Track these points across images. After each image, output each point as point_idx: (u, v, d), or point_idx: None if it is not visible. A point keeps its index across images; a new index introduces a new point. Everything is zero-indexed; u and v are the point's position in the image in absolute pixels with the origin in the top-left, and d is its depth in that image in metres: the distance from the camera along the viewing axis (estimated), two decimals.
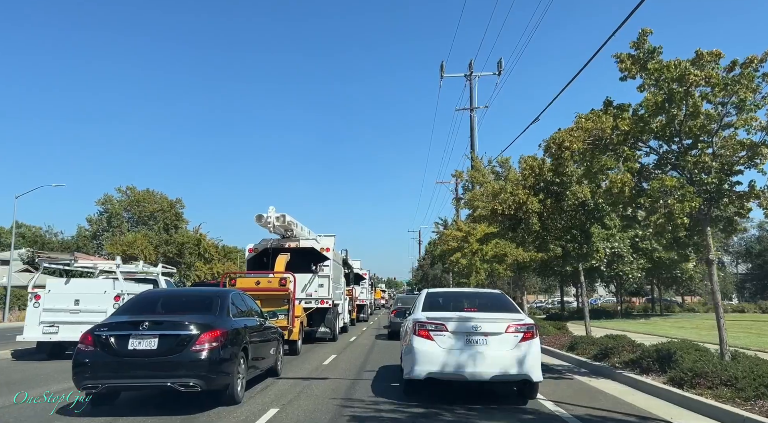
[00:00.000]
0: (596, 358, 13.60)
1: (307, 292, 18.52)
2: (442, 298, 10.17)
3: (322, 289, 18.59)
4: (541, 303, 60.42)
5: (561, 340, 18.87)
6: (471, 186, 25.61)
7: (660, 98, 9.73)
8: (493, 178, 25.04)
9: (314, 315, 19.05)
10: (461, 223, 36.52)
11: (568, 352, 15.43)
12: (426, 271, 68.96)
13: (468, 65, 41.47)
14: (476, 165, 24.70)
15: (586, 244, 16.89)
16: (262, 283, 14.60)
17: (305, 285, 18.54)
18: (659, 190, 9.83)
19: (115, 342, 7.46)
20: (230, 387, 7.98)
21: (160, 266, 17.15)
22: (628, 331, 23.31)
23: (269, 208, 17.18)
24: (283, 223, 17.19)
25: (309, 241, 19.03)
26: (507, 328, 8.43)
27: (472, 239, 31.69)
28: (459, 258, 33.45)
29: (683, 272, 32.32)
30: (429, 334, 8.46)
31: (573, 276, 34.22)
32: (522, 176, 16.64)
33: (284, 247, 18.45)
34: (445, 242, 42.13)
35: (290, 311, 14.48)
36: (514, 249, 23.59)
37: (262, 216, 17.01)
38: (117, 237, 62.72)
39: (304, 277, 18.61)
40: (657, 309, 43.92)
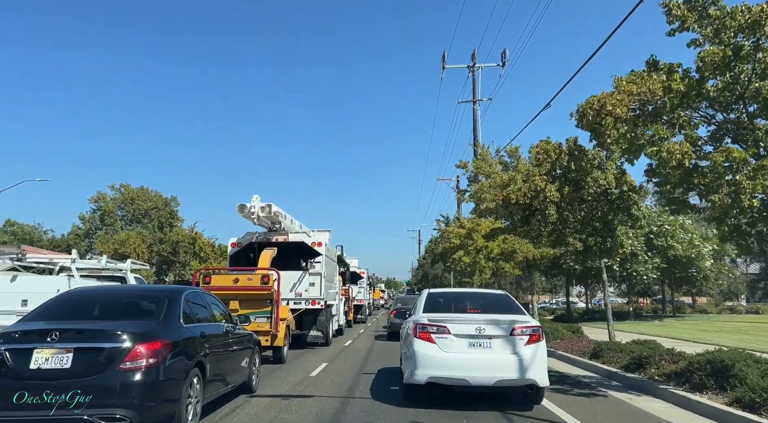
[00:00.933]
0: (628, 368, 11.61)
1: (297, 292, 16.53)
2: (443, 299, 9.74)
3: (313, 289, 16.59)
4: (545, 303, 58.39)
5: (579, 345, 16.89)
6: (476, 177, 23.61)
7: (728, 52, 7.73)
8: (501, 170, 23.04)
9: (304, 317, 17.06)
10: (464, 220, 34.60)
11: (592, 361, 13.44)
12: (426, 270, 66.95)
13: (471, 56, 39.51)
14: (482, 154, 22.70)
15: (609, 237, 14.90)
16: (241, 281, 12.59)
17: (294, 284, 16.55)
18: (723, 164, 7.86)
19: (11, 359, 5.47)
20: (176, 416, 5.97)
21: (128, 261, 15.14)
22: (647, 334, 21.30)
23: (253, 196, 15.21)
24: (269, 214, 15.20)
25: (299, 234, 17.03)
26: (512, 330, 8.06)
27: (476, 235, 29.70)
28: (461, 256, 31.51)
29: (699, 271, 30.34)
30: (430, 336, 8.10)
31: (581, 275, 32.24)
32: (536, 161, 14.64)
33: (271, 242, 16.46)
34: (446, 240, 40.23)
35: (274, 313, 12.49)
36: (524, 245, 21.62)
37: (245, 206, 15.03)
38: (109, 235, 60.76)
39: (293, 274, 16.62)
40: (667, 310, 41.94)
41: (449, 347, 8.03)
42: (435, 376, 8.01)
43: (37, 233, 61.99)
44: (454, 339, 8.05)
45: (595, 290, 69.39)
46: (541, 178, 14.60)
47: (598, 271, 31.21)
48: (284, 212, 16.45)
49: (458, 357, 7.97)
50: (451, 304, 9.54)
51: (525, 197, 14.87)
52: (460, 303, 9.69)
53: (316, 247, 16.82)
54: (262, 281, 12.56)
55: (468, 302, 9.77)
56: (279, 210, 15.72)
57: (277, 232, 16.68)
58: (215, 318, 7.92)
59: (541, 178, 14.61)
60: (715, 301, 47.32)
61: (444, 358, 7.98)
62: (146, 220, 67.16)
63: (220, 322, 7.97)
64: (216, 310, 8.26)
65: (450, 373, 7.96)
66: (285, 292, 16.35)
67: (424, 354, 8.06)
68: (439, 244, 43.98)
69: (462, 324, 8.19)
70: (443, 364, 7.97)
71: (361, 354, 15.96)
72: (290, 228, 17.11)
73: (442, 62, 40.92)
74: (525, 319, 8.42)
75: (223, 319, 8.27)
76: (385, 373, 11.87)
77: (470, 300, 9.97)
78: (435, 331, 8.13)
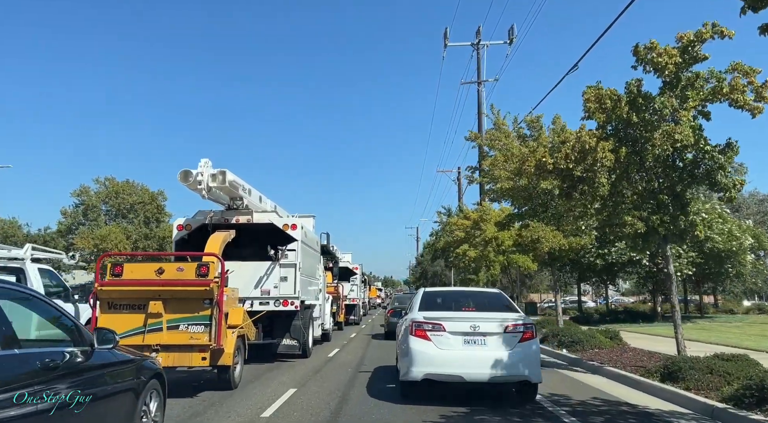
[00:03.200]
0: (741, 402, 7.56)
1: (263, 289, 12.46)
2: (439, 298, 9.88)
3: (286, 285, 12.52)
4: (552, 303, 54.18)
5: (629, 357, 12.89)
6: (487, 154, 19.50)
7: None
8: (518, 144, 18.95)
9: (276, 321, 13.01)
10: (468, 211, 30.53)
11: (668, 385, 9.37)
12: (425, 268, 62.86)
13: (475, 32, 35.55)
14: (498, 123, 18.59)
15: (682, 214, 10.87)
16: (167, 273, 8.49)
17: (261, 278, 12.48)
18: None
19: None
20: None
21: (27, 247, 11.05)
22: (698, 340, 17.32)
23: (201, 160, 11.12)
24: (223, 185, 11.11)
25: (267, 214, 12.92)
26: (506, 328, 8.16)
27: (486, 225, 25.65)
28: (466, 250, 27.45)
29: (738, 266, 26.35)
30: (426, 334, 8.17)
31: (603, 271, 28.18)
32: (585, 112, 10.60)
33: (230, 223, 12.38)
34: (449, 233, 36.19)
35: (215, 319, 8.38)
36: (549, 232, 17.59)
37: (190, 173, 10.95)
38: (90, 230, 56.69)
39: (258, 266, 12.55)
40: (689, 309, 37.92)
41: (445, 344, 8.09)
42: (431, 372, 8.07)
43: (12, 228, 57.78)
44: (450, 336, 8.11)
45: (600, 288, 65.32)
46: (591, 135, 10.54)
47: (622, 265, 27.26)
48: (245, 184, 12.36)
49: (453, 354, 8.03)
50: (447, 302, 9.54)
51: (567, 161, 10.80)
52: (456, 301, 9.62)
53: (289, 231, 12.73)
54: (199, 273, 8.46)
55: (463, 300, 9.72)
56: (237, 179, 11.62)
57: (238, 210, 12.59)
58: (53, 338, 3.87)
59: (591, 133, 10.55)
60: (738, 300, 43.33)
61: (439, 355, 8.03)
62: (132, 215, 63.10)
63: (61, 343, 3.94)
64: (54, 322, 4.20)
65: (445, 370, 8.03)
66: (247, 289, 12.30)
67: (420, 351, 8.11)
68: (440, 238, 39.94)
69: (457, 322, 8.24)
70: (439, 361, 8.02)
71: (348, 370, 11.87)
72: (256, 206, 13.02)
73: (443, 40, 36.88)
74: (519, 317, 8.46)
75: (70, 336, 4.24)
76: (380, 409, 7.80)
77: (465, 298, 9.97)
78: (431, 329, 8.17)
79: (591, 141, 10.26)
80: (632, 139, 10.77)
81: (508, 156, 18.16)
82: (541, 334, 18.55)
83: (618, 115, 10.38)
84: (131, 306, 8.39)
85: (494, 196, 19.83)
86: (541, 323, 20.28)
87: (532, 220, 17.98)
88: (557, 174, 11.31)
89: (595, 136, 10.36)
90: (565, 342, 15.45)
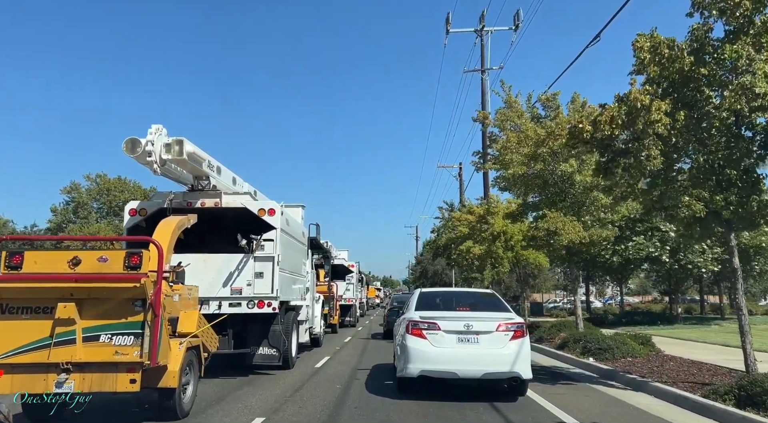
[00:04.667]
0: None
1: (234, 286, 10.14)
2: (434, 298, 10.09)
3: (262, 282, 10.20)
4: (556, 303, 51.89)
5: (674, 369, 10.71)
6: (496, 137, 17.17)
7: None
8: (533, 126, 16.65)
9: (250, 326, 10.72)
10: (472, 205, 28.21)
11: (748, 412, 7.09)
12: (425, 267, 60.45)
13: (479, 18, 33.28)
14: (509, 101, 16.29)
15: (755, 194, 8.63)
16: (85, 264, 6.15)
17: (231, 274, 10.17)
18: None
19: None
20: None
21: None
22: (738, 346, 15.04)
23: (151, 127, 8.82)
24: (180, 158, 8.83)
25: (239, 197, 10.58)
26: (498, 327, 8.41)
27: (493, 218, 23.34)
28: (470, 247, 25.15)
29: (761, 263, 24.05)
30: (422, 332, 8.43)
31: (618, 268, 25.85)
32: (636, 65, 8.30)
33: (194, 207, 10.09)
34: (451, 229, 33.88)
35: (149, 327, 6.07)
36: (569, 224, 15.29)
37: (138, 142, 8.66)
38: (79, 228, 54.41)
39: (228, 259, 10.24)
40: (704, 310, 35.64)
41: (439, 342, 8.34)
42: (426, 369, 8.31)
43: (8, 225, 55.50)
44: (444, 335, 8.36)
45: (604, 287, 62.95)
46: (644, 92, 8.25)
47: (640, 261, 24.84)
48: (212, 159, 10.06)
49: (448, 351, 8.29)
50: (442, 302, 9.78)
51: (612, 126, 8.51)
52: (450, 301, 9.82)
53: (266, 218, 10.40)
54: (128, 264, 6.16)
55: (457, 301, 9.87)
56: (198, 151, 9.30)
57: (203, 191, 10.29)
58: None
59: (644, 90, 8.26)
60: (755, 300, 41.02)
61: (435, 353, 8.29)
62: (123, 213, 60.84)
63: None
64: None
65: (440, 367, 8.28)
66: (214, 287, 10.02)
67: (416, 349, 8.36)
68: (442, 235, 37.64)
69: (451, 321, 8.48)
70: (434, 358, 8.28)
71: (336, 387, 9.58)
72: (225, 186, 10.71)
73: (446, 26, 34.70)
74: (510, 317, 8.71)
75: None
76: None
77: (459, 299, 10.17)
78: (426, 328, 8.42)
79: (644, 98, 7.95)
80: (691, 100, 8.50)
81: (522, 138, 15.89)
82: (560, 338, 16.26)
83: (678, 68, 8.09)
84: (33, 309, 6.08)
85: (505, 185, 17.53)
86: (557, 326, 17.97)
87: (549, 209, 15.69)
88: (596, 144, 9.00)
89: (648, 94, 8.06)
90: (592, 349, 13.16)
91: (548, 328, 18.22)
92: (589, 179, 15.58)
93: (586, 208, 16.37)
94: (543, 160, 15.82)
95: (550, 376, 11.20)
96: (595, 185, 15.94)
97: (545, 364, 13.18)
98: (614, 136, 8.41)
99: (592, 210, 16.35)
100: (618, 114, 8.26)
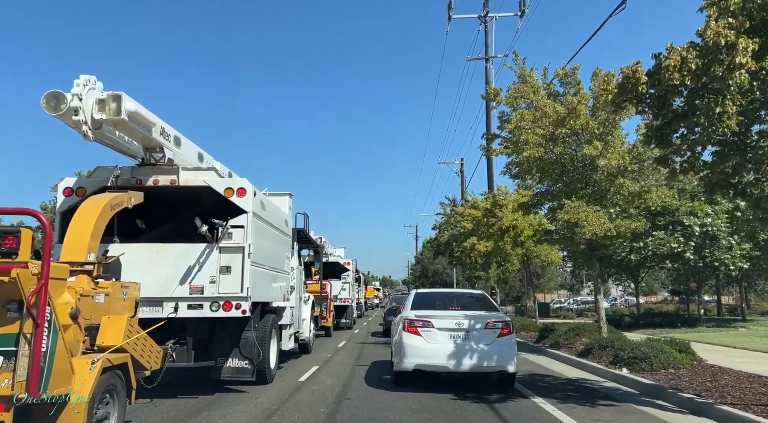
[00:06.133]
0: None
1: (194, 284, 8.06)
2: (429, 298, 10.55)
3: (229, 279, 8.12)
4: (561, 303, 49.73)
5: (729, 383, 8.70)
6: (508, 117, 15.10)
7: None
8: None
9: (217, 333, 8.66)
10: (477, 200, 26.15)
11: None
12: (425, 266, 58.39)
13: (483, 3, 31.32)
14: (524, 75, 14.25)
15: None
16: None
17: (190, 268, 8.09)
18: None
19: None
20: None
21: None
22: None
23: (80, 77, 6.76)
24: (118, 118, 6.79)
25: (200, 174, 8.48)
26: (486, 324, 8.94)
27: (501, 212, 21.27)
28: (475, 243, 23.12)
29: None
30: (417, 330, 8.93)
31: (636, 266, 23.78)
32: None
33: (145, 185, 8.04)
34: (453, 225, 31.81)
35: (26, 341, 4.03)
36: (594, 214, 13.26)
37: (63, 98, 6.60)
38: None
39: (186, 250, 8.15)
40: (718, 311, 33.59)
41: (433, 339, 8.87)
42: (421, 363, 8.82)
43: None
44: (437, 332, 8.89)
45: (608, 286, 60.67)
46: (727, 25, 6.18)
47: (660, 258, 22.75)
48: (164, 124, 7.99)
49: (441, 347, 8.80)
50: (436, 302, 10.19)
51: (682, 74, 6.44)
52: (444, 301, 10.24)
53: (235, 199, 8.31)
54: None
55: (450, 301, 10.33)
56: (143, 111, 7.23)
57: (157, 167, 8.23)
58: None
59: (726, 23, 6.19)
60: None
61: (428, 349, 8.81)
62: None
63: None
64: None
65: (433, 361, 8.79)
66: (169, 284, 7.98)
67: (412, 345, 8.88)
68: (444, 232, 35.54)
69: (444, 319, 9.03)
70: (428, 354, 8.80)
71: (320, 411, 7.51)
72: (187, 162, 8.65)
73: (447, 11, 32.71)
74: (498, 316, 9.35)
75: None
76: None
77: (452, 299, 10.63)
78: (421, 326, 8.96)
79: (729, 34, 5.90)
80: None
81: (538, 117, 13.84)
82: (581, 344, 14.19)
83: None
84: None
85: (517, 171, 15.48)
86: (574, 330, 15.89)
87: (569, 199, 13.64)
88: (653, 101, 6.95)
89: (731, 27, 6.00)
90: (624, 358, 11.11)
91: (564, 332, 16.14)
92: (615, 163, 13.59)
93: (610, 197, 14.36)
94: (563, 141, 13.81)
95: (581, 393, 9.15)
96: (622, 170, 13.99)
97: (571, 376, 11.12)
98: (683, 85, 6.35)
99: (617, 199, 14.33)
100: (690, 57, 6.20)
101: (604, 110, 13.70)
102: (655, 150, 7.95)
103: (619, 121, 13.98)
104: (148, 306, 7.81)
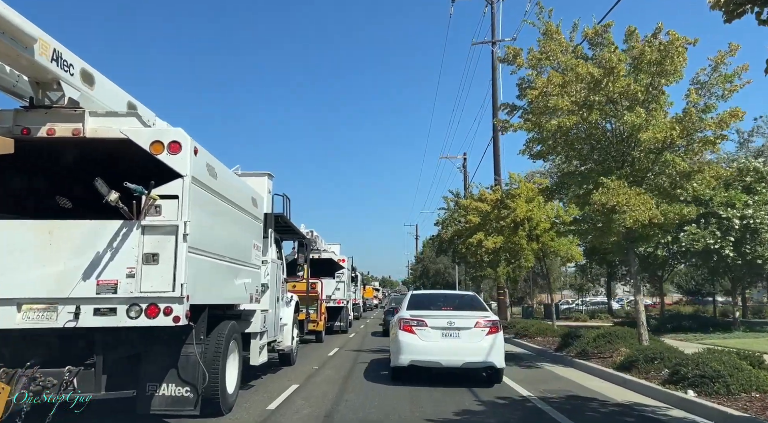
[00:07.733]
0: None
1: (103, 279, 5.49)
2: (424, 299, 11.29)
3: (155, 271, 5.57)
4: (569, 304, 47.04)
5: None
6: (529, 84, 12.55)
7: None
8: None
9: (147, 347, 6.10)
10: (485, 192, 23.57)
11: None
12: (426, 265, 55.83)
13: None
14: (550, 31, 11.73)
15: None
16: None
17: (99, 256, 5.50)
18: None
19: None
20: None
21: None
22: None
23: None
24: None
25: (118, 120, 5.94)
26: (476, 323, 9.56)
27: (515, 202, 18.71)
28: (482, 239, 20.58)
29: None
30: (412, 328, 9.52)
31: (663, 263, 21.20)
32: None
33: (34, 137, 5.49)
34: (457, 221, 29.29)
35: None
36: (636, 196, 10.74)
37: None
38: None
39: (92, 230, 5.58)
40: (744, 313, 31.03)
41: (426, 337, 9.46)
42: (415, 359, 9.42)
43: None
44: (431, 330, 9.48)
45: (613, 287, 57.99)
46: None
47: (692, 255, 20.31)
48: (61, 47, 5.44)
49: (433, 344, 9.40)
50: (430, 303, 10.72)
51: None
52: (437, 302, 10.82)
53: (164, 158, 5.70)
54: None
55: (443, 301, 10.91)
56: (13, 16, 4.68)
57: (54, 111, 5.68)
58: None
59: None
60: None
61: (422, 346, 9.39)
62: None
63: None
64: None
65: (427, 357, 9.39)
66: (65, 280, 5.44)
67: (407, 342, 9.48)
68: (448, 227, 32.98)
69: (437, 319, 9.62)
70: (422, 350, 9.38)
71: None
72: (100, 107, 6.09)
73: None
74: (487, 315, 9.96)
75: None
76: None
77: (445, 300, 11.30)
78: (416, 324, 9.54)
79: None
80: None
81: (568, 80, 11.31)
82: (620, 355, 11.61)
83: None
84: None
85: (540, 149, 12.92)
86: (605, 337, 13.28)
87: (606, 177, 11.12)
88: None
89: None
90: (689, 377, 8.56)
91: (593, 339, 13.50)
92: (660, 136, 11.07)
93: (653, 178, 11.86)
94: (599, 109, 11.30)
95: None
96: (668, 146, 11.49)
97: (620, 400, 8.56)
98: None
99: (662, 180, 11.82)
100: None
101: (648, 72, 11.24)
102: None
103: (665, 84, 11.50)
104: (36, 312, 5.29)
